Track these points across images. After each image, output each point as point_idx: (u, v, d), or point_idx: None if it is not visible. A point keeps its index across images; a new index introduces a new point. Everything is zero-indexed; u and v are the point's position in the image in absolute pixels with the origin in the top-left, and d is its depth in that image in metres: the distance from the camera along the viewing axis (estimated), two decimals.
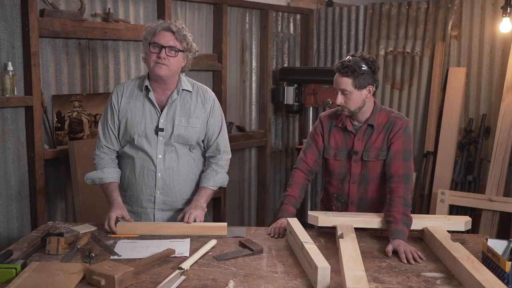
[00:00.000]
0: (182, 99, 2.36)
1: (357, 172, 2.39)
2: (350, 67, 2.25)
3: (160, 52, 2.21)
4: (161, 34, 2.22)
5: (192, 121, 2.35)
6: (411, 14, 4.22)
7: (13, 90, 2.88)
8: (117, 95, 2.36)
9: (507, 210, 3.67)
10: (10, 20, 2.91)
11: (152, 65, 2.24)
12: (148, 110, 2.33)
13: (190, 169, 2.42)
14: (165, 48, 2.21)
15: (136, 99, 2.34)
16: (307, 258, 1.86)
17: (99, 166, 2.38)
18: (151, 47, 2.23)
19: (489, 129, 3.88)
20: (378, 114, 2.37)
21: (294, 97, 4.42)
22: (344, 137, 2.41)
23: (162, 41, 2.22)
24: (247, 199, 4.62)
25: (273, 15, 4.50)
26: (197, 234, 2.25)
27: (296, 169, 2.49)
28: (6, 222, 2.98)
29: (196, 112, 2.36)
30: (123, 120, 2.35)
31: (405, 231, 2.14)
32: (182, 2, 3.84)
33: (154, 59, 2.22)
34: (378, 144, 2.35)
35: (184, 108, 2.35)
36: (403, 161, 2.30)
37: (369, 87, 2.30)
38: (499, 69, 3.87)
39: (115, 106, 2.36)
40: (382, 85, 4.37)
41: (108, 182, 2.36)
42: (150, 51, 2.23)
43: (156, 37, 2.23)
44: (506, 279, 1.77)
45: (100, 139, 2.40)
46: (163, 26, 2.24)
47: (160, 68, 2.23)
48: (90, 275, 1.74)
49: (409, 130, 2.35)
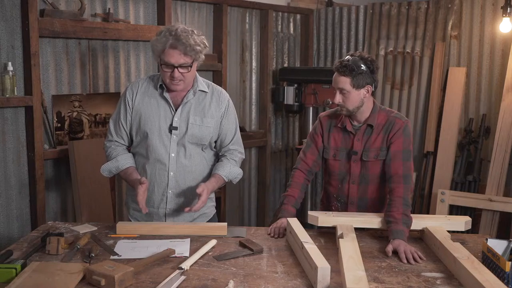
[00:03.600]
0: (197, 99, 2.34)
1: (356, 172, 2.39)
2: (349, 67, 2.26)
3: (173, 71, 2.19)
4: (170, 54, 2.17)
5: (207, 120, 2.33)
6: (411, 14, 4.22)
7: (13, 90, 2.88)
8: (132, 92, 2.34)
9: (507, 210, 3.67)
10: (10, 20, 2.91)
11: (168, 81, 2.24)
12: (163, 108, 2.31)
13: (202, 169, 2.39)
14: (176, 67, 2.19)
15: (151, 97, 2.32)
16: (307, 258, 1.86)
17: (112, 156, 2.35)
18: (163, 67, 2.20)
19: (489, 129, 3.88)
20: (377, 114, 2.37)
21: (294, 97, 4.42)
22: (343, 137, 2.41)
23: (173, 60, 2.18)
24: (247, 199, 4.62)
25: (273, 15, 4.50)
26: (197, 234, 2.25)
27: (296, 169, 2.50)
28: (6, 222, 2.98)
29: (210, 112, 2.35)
30: (136, 117, 2.32)
31: (405, 231, 2.14)
32: (182, 2, 3.84)
33: (169, 77, 2.21)
34: (378, 144, 2.35)
35: (199, 108, 2.33)
36: (402, 161, 2.30)
37: (368, 87, 2.31)
38: (499, 69, 3.87)
39: (129, 102, 2.33)
40: (382, 85, 4.37)
41: (126, 167, 2.33)
42: (163, 70, 2.21)
43: (166, 57, 2.18)
44: (506, 279, 1.77)
45: (111, 134, 2.38)
46: (171, 44, 2.16)
47: (177, 85, 2.24)
48: (90, 275, 1.74)
49: (408, 130, 2.35)
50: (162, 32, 2.21)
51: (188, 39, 2.17)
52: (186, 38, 2.16)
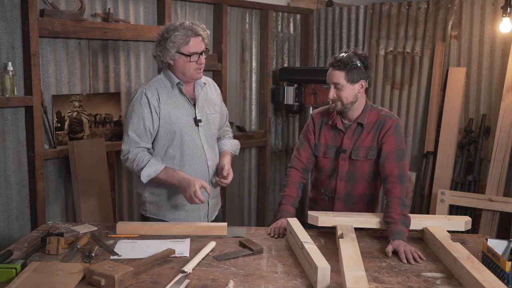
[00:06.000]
0: (203, 92, 2.53)
1: (344, 170, 2.40)
2: (343, 61, 2.29)
3: (199, 58, 2.37)
4: (194, 42, 2.36)
5: (216, 108, 2.57)
6: (411, 14, 4.22)
7: (13, 90, 2.88)
8: (153, 96, 2.39)
9: (507, 210, 3.66)
10: (10, 20, 2.91)
11: (192, 72, 2.39)
12: (184, 105, 2.45)
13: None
14: (201, 54, 2.38)
15: (171, 97, 2.44)
16: (307, 258, 1.86)
17: (143, 161, 2.37)
18: (190, 58, 2.35)
19: (489, 129, 3.88)
20: (368, 113, 2.38)
21: (294, 97, 4.42)
22: (333, 135, 2.42)
23: (198, 48, 2.37)
24: (247, 199, 4.62)
25: (273, 15, 4.50)
26: (197, 234, 2.25)
27: (291, 168, 2.51)
28: (6, 222, 2.98)
29: (214, 100, 2.58)
30: (165, 119, 2.40)
31: (404, 231, 2.14)
32: (182, 2, 3.84)
33: (196, 67, 2.38)
34: (368, 143, 2.36)
35: (207, 99, 2.54)
36: (397, 161, 2.30)
37: (362, 82, 2.33)
38: (499, 69, 3.86)
39: (155, 106, 2.39)
40: (382, 85, 4.37)
41: (164, 168, 2.37)
42: (189, 61, 2.36)
43: (192, 47, 2.35)
44: (506, 279, 1.77)
45: (135, 141, 2.38)
46: (193, 33, 2.35)
47: (200, 73, 2.43)
48: (90, 275, 1.74)
49: (399, 129, 2.35)
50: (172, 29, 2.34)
51: (201, 28, 2.41)
52: (199, 27, 2.40)
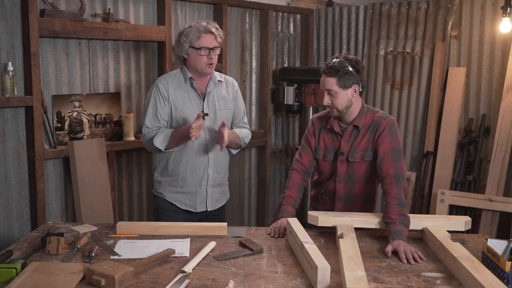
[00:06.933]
0: (216, 88, 2.72)
1: (342, 172, 2.42)
2: (334, 67, 2.31)
3: (209, 53, 2.57)
4: (206, 38, 2.57)
5: (228, 104, 2.74)
6: (411, 14, 4.22)
7: (13, 90, 2.88)
8: (164, 86, 2.64)
9: (507, 210, 3.66)
10: (10, 20, 2.91)
11: (204, 66, 2.59)
12: (193, 98, 2.65)
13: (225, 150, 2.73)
14: (212, 50, 2.58)
15: (181, 89, 2.65)
16: (307, 258, 1.86)
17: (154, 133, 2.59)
18: (200, 51, 2.56)
19: (489, 129, 3.88)
20: (364, 115, 2.40)
21: (294, 97, 4.42)
22: (332, 139, 2.46)
23: (209, 44, 2.58)
24: (247, 199, 4.62)
25: (273, 15, 4.50)
26: (197, 234, 2.25)
27: (293, 170, 2.54)
28: (6, 222, 2.98)
29: (228, 97, 2.75)
30: (172, 107, 2.63)
31: (403, 231, 2.14)
32: (182, 2, 3.84)
33: (206, 61, 2.58)
34: (364, 145, 2.38)
35: (220, 95, 2.72)
36: (393, 161, 2.31)
37: (354, 86, 2.35)
38: (499, 69, 3.86)
39: (165, 95, 2.62)
40: (382, 85, 4.37)
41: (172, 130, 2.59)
42: (200, 55, 2.57)
43: (203, 42, 2.57)
44: (506, 279, 1.77)
45: (147, 126, 2.62)
46: (205, 30, 2.57)
47: (211, 68, 2.62)
48: (90, 275, 1.74)
49: (394, 129, 2.36)
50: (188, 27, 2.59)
51: (215, 28, 2.60)
52: (213, 27, 2.59)
